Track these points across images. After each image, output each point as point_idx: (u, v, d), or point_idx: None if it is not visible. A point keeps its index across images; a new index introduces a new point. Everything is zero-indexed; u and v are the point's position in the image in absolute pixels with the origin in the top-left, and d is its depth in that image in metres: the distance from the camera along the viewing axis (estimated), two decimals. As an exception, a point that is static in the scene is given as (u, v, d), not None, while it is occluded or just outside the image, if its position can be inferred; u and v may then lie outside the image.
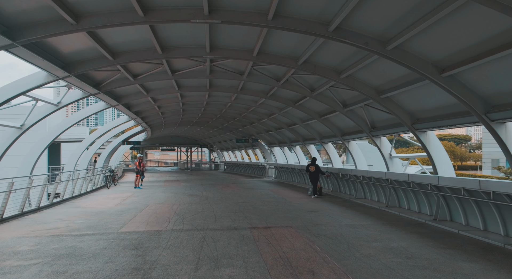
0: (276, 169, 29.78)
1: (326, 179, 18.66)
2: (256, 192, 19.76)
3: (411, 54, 8.10)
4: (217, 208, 13.55)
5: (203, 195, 18.27)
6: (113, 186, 24.35)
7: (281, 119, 21.72)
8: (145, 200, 16.26)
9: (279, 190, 20.80)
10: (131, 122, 22.79)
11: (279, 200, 16.03)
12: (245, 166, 39.81)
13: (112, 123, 19.53)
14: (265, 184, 24.92)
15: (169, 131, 41.39)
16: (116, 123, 20.03)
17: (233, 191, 20.58)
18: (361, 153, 16.60)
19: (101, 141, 21.96)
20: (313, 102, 15.41)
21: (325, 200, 15.69)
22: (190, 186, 24.06)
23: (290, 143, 25.14)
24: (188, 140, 54.21)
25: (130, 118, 20.00)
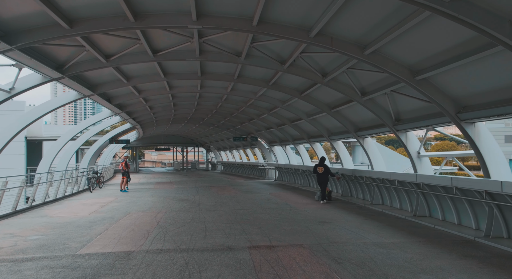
0: (277, 169, 27.56)
1: (337, 182, 16.42)
2: (255, 196, 17.54)
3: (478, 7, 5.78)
4: (210, 217, 11.32)
5: (195, 200, 16.04)
6: (97, 189, 22.09)
7: (283, 114, 19.49)
8: (126, 207, 14.02)
9: (281, 193, 18.56)
10: (116, 118, 20.56)
11: (283, 206, 13.81)
12: (244, 166, 37.56)
13: (92, 119, 17.26)
14: (265, 187, 22.69)
15: (162, 130, 39.12)
16: (97, 119, 17.77)
17: (229, 194, 18.36)
18: (378, 151, 14.40)
19: (82, 139, 19.68)
20: (323, 91, 13.18)
21: (336, 207, 13.47)
22: (182, 189, 21.81)
23: (293, 141, 22.92)
24: (184, 139, 51.94)
25: (113, 113, 17.80)
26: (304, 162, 22.68)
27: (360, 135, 14.37)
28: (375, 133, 13.35)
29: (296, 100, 15.59)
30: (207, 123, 32.18)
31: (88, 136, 19.76)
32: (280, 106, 16.85)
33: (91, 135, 19.90)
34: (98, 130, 20.31)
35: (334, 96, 13.42)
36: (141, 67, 12.24)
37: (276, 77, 12.67)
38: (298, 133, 20.84)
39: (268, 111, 19.56)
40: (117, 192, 20.00)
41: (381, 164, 14.21)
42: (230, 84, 14.85)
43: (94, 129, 20.31)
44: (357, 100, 11.40)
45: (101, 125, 20.66)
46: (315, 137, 19.60)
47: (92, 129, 20.47)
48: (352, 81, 10.77)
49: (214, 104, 21.31)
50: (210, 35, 9.17)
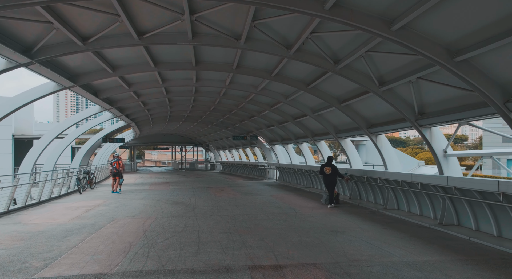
0: (278, 169, 26.15)
1: (344, 183, 15.01)
2: (256, 198, 16.13)
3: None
4: (205, 225, 9.93)
5: (190, 203, 14.65)
6: (88, 190, 20.70)
7: (286, 110, 18.07)
8: (113, 211, 12.63)
9: (284, 195, 17.15)
10: (106, 114, 19.13)
11: (287, 211, 12.41)
12: (243, 166, 36.16)
13: (79, 115, 15.81)
14: (266, 188, 21.28)
15: (159, 128, 37.70)
16: (85, 115, 16.29)
17: (228, 196, 16.96)
18: (393, 150, 12.97)
19: (70, 137, 18.22)
20: (333, 82, 11.74)
21: (346, 212, 12.07)
22: (178, 190, 20.41)
23: (296, 140, 21.50)
24: (182, 138, 50.52)
25: (102, 109, 16.39)
26: (307, 162, 21.30)
27: (373, 133, 12.91)
28: (391, 130, 11.90)
29: (301, 94, 14.16)
30: (205, 122, 30.77)
31: (77, 134, 18.30)
32: (283, 102, 15.42)
33: (80, 133, 18.44)
34: (87, 129, 18.85)
35: (345, 88, 11.97)
36: (127, 55, 10.82)
37: (280, 66, 11.22)
38: (302, 131, 19.42)
39: (269, 107, 18.14)
40: (108, 194, 18.61)
41: (396, 164, 12.79)
42: (229, 76, 13.42)
43: (83, 127, 18.88)
44: (374, 91, 9.92)
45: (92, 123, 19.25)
46: (320, 135, 18.16)
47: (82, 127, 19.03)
48: (370, 68, 9.28)
49: (212, 100, 19.90)
50: (204, 10, 7.72)
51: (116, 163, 19.69)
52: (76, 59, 10.55)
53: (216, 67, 12.03)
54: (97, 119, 19.02)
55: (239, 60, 11.45)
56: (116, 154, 19.61)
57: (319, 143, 18.72)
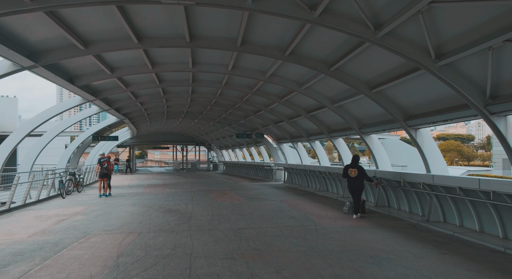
0: (286, 170, 23.75)
1: (375, 189, 12.57)
2: (264, 205, 13.77)
3: None
4: (200, 245, 7.60)
5: (186, 211, 12.33)
6: (75, 194, 18.42)
7: (299, 101, 15.66)
8: (90, 223, 10.31)
9: (296, 201, 14.76)
10: (93, 108, 16.83)
11: (304, 223, 10.05)
12: (247, 166, 33.78)
13: (55, 108, 13.33)
14: (274, 191, 18.88)
15: (158, 126, 35.39)
16: (63, 107, 13.78)
17: (231, 202, 14.61)
18: (437, 148, 10.50)
19: (50, 134, 15.86)
20: (365, 60, 9.28)
21: (379, 224, 9.67)
22: (175, 193, 18.08)
23: (308, 137, 19.06)
24: (183, 137, 48.21)
25: (84, 100, 14.02)
26: (321, 162, 18.90)
27: (413, 126, 10.30)
28: (442, 122, 9.10)
29: (320, 80, 11.73)
30: (206, 118, 28.41)
31: (58, 130, 15.93)
32: (297, 90, 13.00)
33: (61, 130, 16.06)
34: (70, 124, 16.44)
35: (379, 68, 9.47)
36: (102, 25, 8.42)
37: (298, 38, 8.74)
38: (316, 127, 16.99)
39: (279, 99, 15.73)
40: (95, 198, 16.32)
41: (441, 165, 10.31)
42: (232, 58, 11.01)
43: (64, 123, 16.50)
44: (427, 66, 7.36)
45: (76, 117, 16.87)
46: (339, 131, 15.66)
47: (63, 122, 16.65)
48: (427, 32, 6.76)
49: (213, 91, 17.53)
50: None
51: (107, 162, 17.41)
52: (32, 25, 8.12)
53: (216, 44, 9.61)
54: (82, 114, 16.64)
55: (245, 33, 9.06)
56: (102, 152, 17.31)
57: (336, 140, 16.29)
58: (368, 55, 8.95)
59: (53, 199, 16.24)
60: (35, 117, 13.43)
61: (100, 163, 17.18)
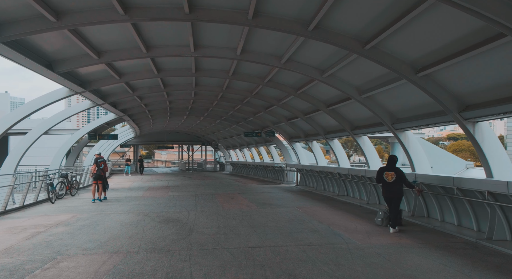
0: (299, 172, 21.79)
1: (413, 196, 10.50)
2: (278, 213, 11.87)
3: None
4: (201, 274, 5.71)
5: (188, 221, 10.48)
6: (68, 197, 16.69)
7: (319, 93, 13.65)
8: (70, 238, 8.50)
9: (314, 209, 12.82)
10: (85, 103, 15.03)
11: (331, 239, 8.13)
12: (256, 167, 31.84)
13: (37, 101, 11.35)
14: (288, 196, 16.94)
15: (162, 125, 33.61)
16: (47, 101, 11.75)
17: (240, 209, 12.74)
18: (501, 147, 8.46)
19: (36, 131, 13.99)
20: (418, 30, 7.17)
21: (428, 243, 7.70)
22: (178, 198, 16.25)
23: (325, 135, 17.04)
24: (189, 136, 46.43)
25: (72, 92, 12.15)
26: (340, 163, 16.91)
27: (469, 118, 8.11)
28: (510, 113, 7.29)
29: (349, 64, 9.66)
30: (213, 116, 26.53)
31: (42, 129, 14.03)
32: (318, 79, 10.99)
33: (49, 127, 14.19)
34: (59, 120, 14.56)
35: (440, 41, 7.19)
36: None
37: (324, 8, 6.68)
38: (336, 123, 14.97)
39: (295, 91, 13.76)
40: (87, 204, 14.54)
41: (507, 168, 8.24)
42: (242, 36, 9.01)
43: (53, 119, 14.64)
44: None
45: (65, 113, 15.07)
46: (364, 127, 13.50)
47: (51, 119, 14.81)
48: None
49: (219, 84, 15.63)
50: None
51: (104, 164, 15.62)
52: None
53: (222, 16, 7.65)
54: (71, 109, 14.82)
55: (258, 1, 7.12)
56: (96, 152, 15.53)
57: (359, 138, 14.25)
58: (420, 26, 6.87)
59: (40, 205, 14.48)
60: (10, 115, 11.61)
61: (97, 163, 15.39)
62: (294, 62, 10.66)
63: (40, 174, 14.69)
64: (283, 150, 25.45)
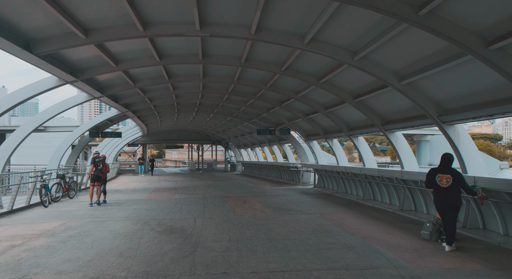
0: (317, 172, 20.00)
1: (479, 204, 8.54)
2: (298, 221, 10.17)
3: None
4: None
5: (193, 232, 8.85)
6: (65, 200, 15.23)
7: (343, 83, 11.83)
8: (48, 254, 6.92)
9: (341, 216, 11.06)
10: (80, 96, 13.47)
11: (374, 260, 6.38)
12: (269, 167, 30.11)
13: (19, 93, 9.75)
14: (306, 199, 15.18)
15: (170, 123, 32.08)
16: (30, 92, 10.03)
17: (254, 215, 11.07)
18: None
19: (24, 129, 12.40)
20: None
21: (504, 269, 5.88)
22: (184, 201, 14.64)
23: (349, 131, 15.18)
24: (199, 135, 44.90)
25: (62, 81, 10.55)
26: (366, 163, 15.05)
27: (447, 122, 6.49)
28: None
29: (390, 41, 7.83)
30: (223, 112, 24.87)
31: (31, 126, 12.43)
32: (348, 63, 9.10)
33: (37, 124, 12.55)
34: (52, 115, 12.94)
35: None
36: None
37: None
38: (364, 118, 13.11)
39: (316, 81, 11.94)
40: (83, 208, 13.01)
41: None
42: (258, 7, 7.28)
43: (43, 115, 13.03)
44: None
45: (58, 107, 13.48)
46: (400, 121, 11.47)
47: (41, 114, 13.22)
48: None
49: (230, 73, 13.90)
50: None
51: (102, 164, 14.08)
52: None
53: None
54: (64, 103, 13.22)
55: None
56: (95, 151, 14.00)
57: (392, 134, 12.38)
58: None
59: (32, 209, 12.99)
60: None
61: (95, 163, 13.85)
62: (319, 42, 8.86)
63: (31, 174, 13.17)
64: (299, 148, 23.67)
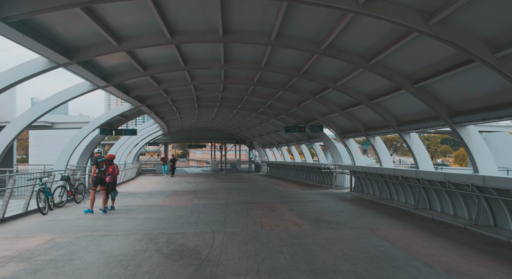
0: (354, 175, 17.51)
1: None
2: (345, 239, 7.89)
3: None
4: None
5: (210, 255, 6.73)
6: (70, 205, 13.52)
7: (402, 64, 9.31)
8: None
9: (400, 233, 8.68)
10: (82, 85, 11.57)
11: None
12: (297, 168, 27.71)
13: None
14: (346, 207, 12.79)
15: (191, 120, 30.21)
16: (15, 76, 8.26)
17: (287, 230, 8.87)
18: None
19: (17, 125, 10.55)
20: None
21: None
22: (203, 208, 12.58)
23: (399, 127, 12.60)
24: (222, 134, 42.96)
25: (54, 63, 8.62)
26: (419, 164, 12.45)
27: None
28: None
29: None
30: (247, 108, 22.71)
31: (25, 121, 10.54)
32: (420, 30, 6.62)
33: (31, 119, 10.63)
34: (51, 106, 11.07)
35: None
36: None
37: None
38: (423, 109, 10.53)
39: (365, 62, 9.48)
40: (84, 217, 11.14)
41: None
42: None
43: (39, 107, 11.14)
44: None
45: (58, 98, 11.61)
46: (480, 110, 8.79)
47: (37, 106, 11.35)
48: None
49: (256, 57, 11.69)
50: None
51: (106, 164, 12.16)
52: None
53: None
54: (61, 95, 11.16)
55: None
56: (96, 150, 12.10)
57: (464, 129, 9.76)
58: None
59: (28, 217, 11.23)
60: None
61: (97, 164, 11.91)
62: (381, 1, 6.48)
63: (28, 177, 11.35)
64: (332, 148, 21.18)
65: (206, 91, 17.33)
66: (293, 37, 9.45)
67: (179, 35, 9.08)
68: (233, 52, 11.42)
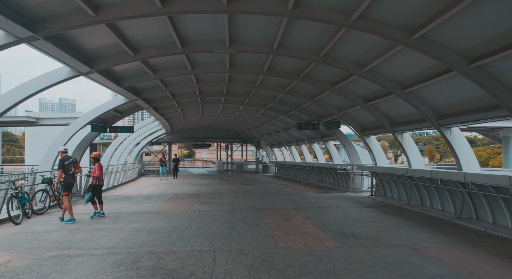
0: (376, 177, 15.51)
1: None
2: (386, 264, 6.00)
3: None
4: None
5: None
6: (52, 212, 11.78)
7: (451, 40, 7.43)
8: None
9: (458, 255, 6.75)
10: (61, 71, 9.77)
11: None
12: (308, 168, 25.72)
13: None
14: (372, 215, 10.83)
15: (195, 118, 28.36)
16: None
17: (308, 248, 6.98)
18: None
19: None
20: None
21: None
22: (205, 215, 10.74)
23: (437, 120, 10.53)
24: (228, 133, 41.08)
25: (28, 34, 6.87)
26: (462, 165, 10.40)
27: None
28: None
29: None
30: (255, 104, 20.80)
31: None
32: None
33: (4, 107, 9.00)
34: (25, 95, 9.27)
35: None
36: None
37: None
38: (473, 98, 8.53)
39: (407, 36, 7.51)
40: (63, 228, 9.33)
41: None
42: None
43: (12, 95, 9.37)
44: None
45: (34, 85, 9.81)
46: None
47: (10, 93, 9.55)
48: None
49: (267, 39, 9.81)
50: None
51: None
52: None
53: None
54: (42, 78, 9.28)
55: None
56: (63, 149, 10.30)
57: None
58: None
59: None
60: None
61: (64, 167, 9.91)
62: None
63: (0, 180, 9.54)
64: (348, 146, 19.18)
65: (210, 83, 15.44)
66: (315, 6, 7.49)
67: (173, 2, 7.18)
68: (240, 30, 9.49)
